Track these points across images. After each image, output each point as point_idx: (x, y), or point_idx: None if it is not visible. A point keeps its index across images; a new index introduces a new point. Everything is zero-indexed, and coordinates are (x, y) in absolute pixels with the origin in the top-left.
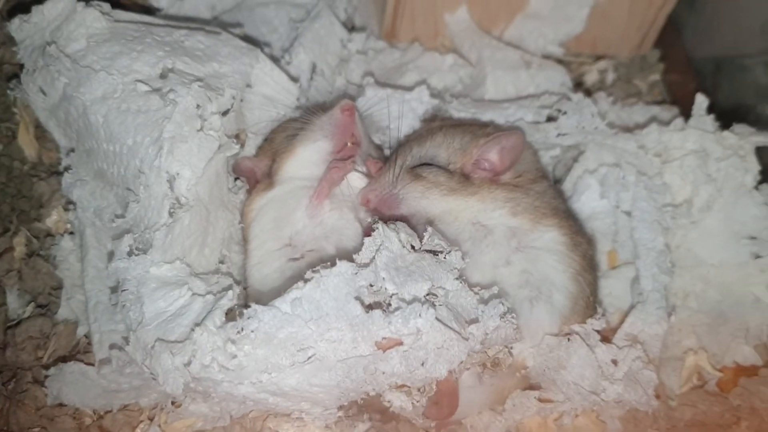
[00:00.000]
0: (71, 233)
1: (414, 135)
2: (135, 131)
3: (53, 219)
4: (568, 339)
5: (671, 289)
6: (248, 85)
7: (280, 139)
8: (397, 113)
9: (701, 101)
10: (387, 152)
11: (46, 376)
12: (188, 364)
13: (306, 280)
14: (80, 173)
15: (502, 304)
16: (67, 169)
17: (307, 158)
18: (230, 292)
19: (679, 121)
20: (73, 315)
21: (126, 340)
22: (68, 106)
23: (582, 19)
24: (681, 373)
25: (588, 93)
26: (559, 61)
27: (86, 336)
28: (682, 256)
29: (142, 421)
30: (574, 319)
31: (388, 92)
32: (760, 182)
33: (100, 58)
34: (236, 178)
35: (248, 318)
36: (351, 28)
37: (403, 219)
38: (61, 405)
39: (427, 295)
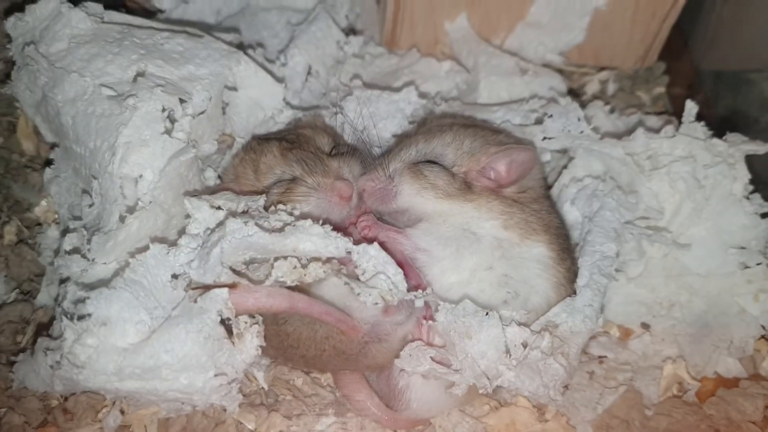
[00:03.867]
0: (58, 223)
1: (424, 129)
2: (96, 135)
3: (42, 208)
4: (487, 313)
5: (656, 298)
6: (232, 88)
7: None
8: (386, 113)
9: (690, 108)
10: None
11: (13, 362)
12: (58, 362)
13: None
14: (61, 168)
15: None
16: (49, 163)
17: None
18: None
19: (670, 128)
20: (52, 301)
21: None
22: (47, 105)
23: (582, 28)
24: (660, 383)
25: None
26: (560, 71)
27: None
28: (669, 265)
29: (106, 406)
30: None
31: (375, 93)
32: (752, 191)
33: (77, 60)
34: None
35: (82, 303)
36: (352, 34)
37: (397, 213)
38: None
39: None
